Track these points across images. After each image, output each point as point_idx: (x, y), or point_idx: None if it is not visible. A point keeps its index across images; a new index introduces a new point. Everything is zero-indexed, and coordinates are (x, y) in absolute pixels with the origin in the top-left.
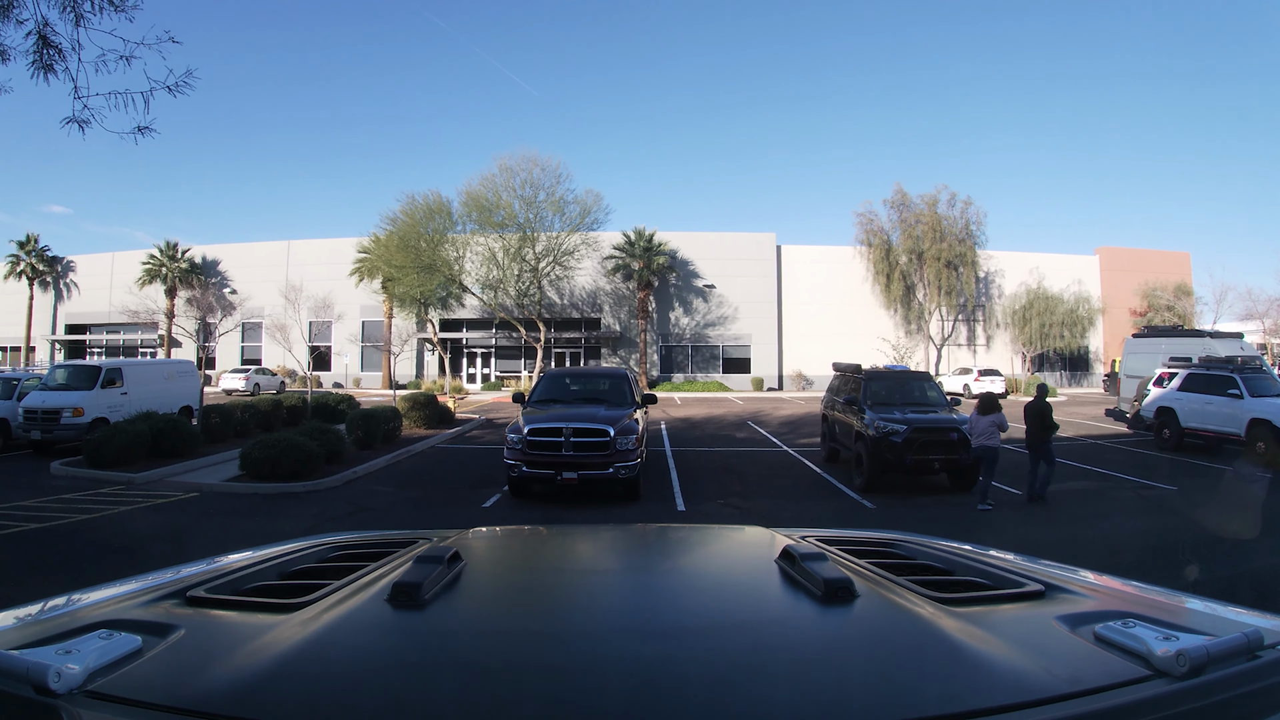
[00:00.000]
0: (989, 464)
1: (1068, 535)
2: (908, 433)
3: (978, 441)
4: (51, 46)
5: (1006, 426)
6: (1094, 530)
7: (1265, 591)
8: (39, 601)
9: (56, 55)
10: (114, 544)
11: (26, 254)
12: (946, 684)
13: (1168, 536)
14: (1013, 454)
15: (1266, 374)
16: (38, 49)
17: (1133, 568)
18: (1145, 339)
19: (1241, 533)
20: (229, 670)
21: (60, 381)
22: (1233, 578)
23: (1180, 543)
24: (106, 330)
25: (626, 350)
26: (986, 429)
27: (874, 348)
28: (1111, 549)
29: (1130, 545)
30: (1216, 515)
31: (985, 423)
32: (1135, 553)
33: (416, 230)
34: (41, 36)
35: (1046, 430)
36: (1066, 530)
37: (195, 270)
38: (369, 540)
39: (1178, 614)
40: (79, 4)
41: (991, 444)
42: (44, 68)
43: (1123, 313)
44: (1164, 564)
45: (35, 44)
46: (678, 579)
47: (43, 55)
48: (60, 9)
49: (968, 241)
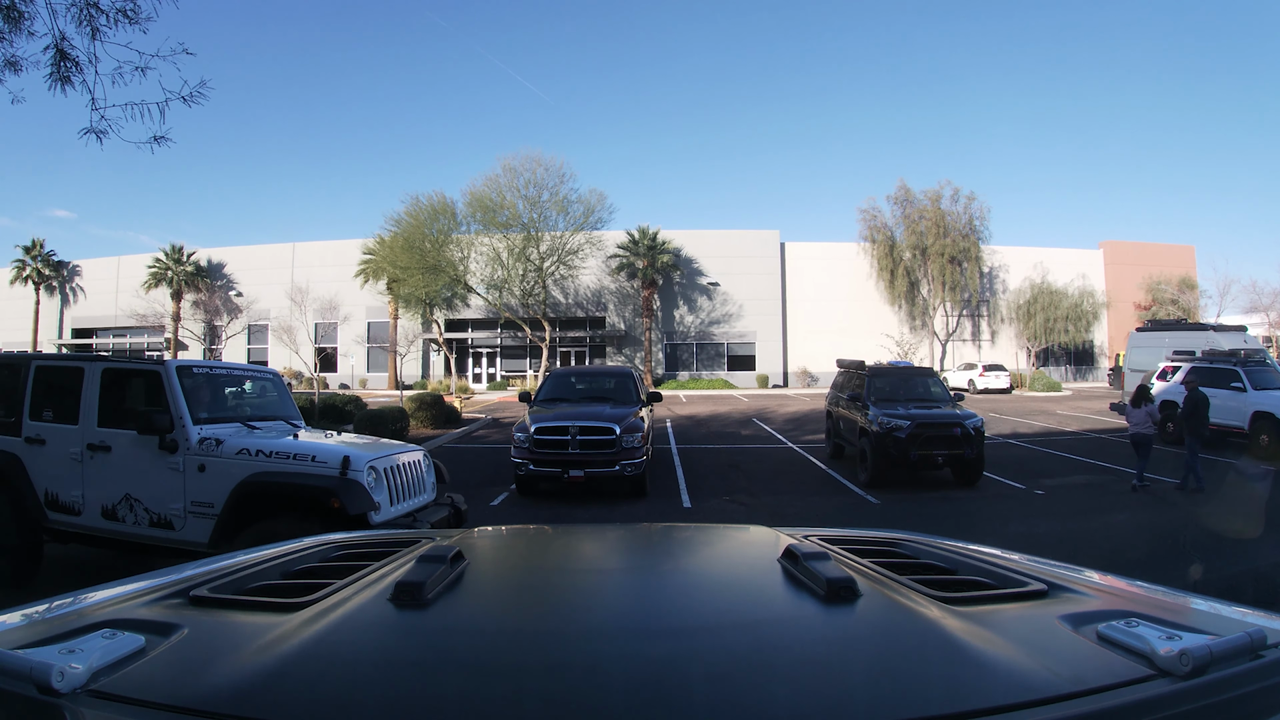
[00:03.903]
0: (1145, 449)
1: (1064, 529)
2: (911, 428)
3: (1133, 429)
4: (69, 60)
5: (1159, 416)
6: (1092, 524)
7: (1267, 587)
8: (42, 601)
9: (74, 68)
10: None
11: (32, 259)
12: (949, 683)
13: (1165, 531)
14: (1015, 448)
15: (1270, 367)
16: (55, 62)
17: (1129, 563)
18: (1149, 333)
19: (1242, 529)
20: (232, 669)
21: None
22: (1232, 574)
23: (1178, 536)
24: (113, 334)
25: (631, 349)
26: (1141, 418)
27: (878, 344)
28: (1108, 543)
29: (1127, 540)
30: (1217, 510)
31: (1140, 414)
32: (1132, 547)
33: (421, 231)
34: (59, 50)
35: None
36: (1063, 524)
37: (201, 273)
38: (372, 539)
39: (1181, 613)
40: (95, 18)
41: (1146, 431)
42: (62, 79)
43: (1127, 307)
44: (1160, 558)
45: (53, 57)
46: (681, 578)
47: (60, 68)
48: (77, 23)
49: (971, 237)
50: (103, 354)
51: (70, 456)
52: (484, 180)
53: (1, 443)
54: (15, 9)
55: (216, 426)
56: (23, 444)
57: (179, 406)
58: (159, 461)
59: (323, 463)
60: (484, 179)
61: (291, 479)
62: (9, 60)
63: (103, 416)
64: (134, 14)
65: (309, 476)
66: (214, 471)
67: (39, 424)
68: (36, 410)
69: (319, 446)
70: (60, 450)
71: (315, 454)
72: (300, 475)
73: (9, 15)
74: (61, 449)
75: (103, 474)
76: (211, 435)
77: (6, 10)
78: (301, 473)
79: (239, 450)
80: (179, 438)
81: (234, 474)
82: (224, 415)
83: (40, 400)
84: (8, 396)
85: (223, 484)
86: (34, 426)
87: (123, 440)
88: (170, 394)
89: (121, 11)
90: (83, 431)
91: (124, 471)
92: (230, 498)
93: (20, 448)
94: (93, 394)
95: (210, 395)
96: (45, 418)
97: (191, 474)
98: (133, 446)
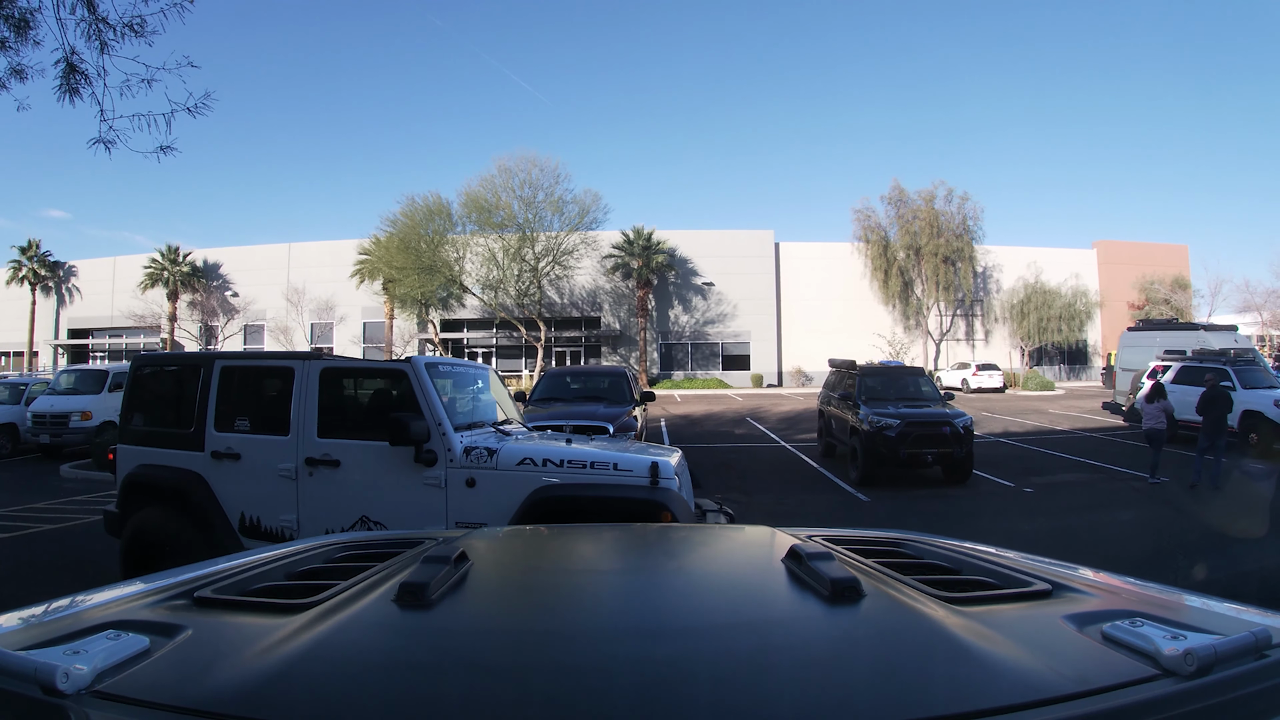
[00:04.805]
0: (1158, 444)
1: (1050, 526)
2: (901, 427)
3: (1147, 424)
4: (78, 73)
5: (1173, 410)
6: (1078, 522)
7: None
8: (46, 602)
9: (83, 80)
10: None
11: (28, 259)
12: (954, 683)
13: (1154, 528)
14: (1006, 446)
15: (1259, 366)
16: (64, 75)
17: (1111, 560)
18: (1141, 332)
19: (1233, 528)
20: (236, 670)
21: (68, 386)
22: (1218, 573)
23: (1165, 533)
24: (109, 334)
25: (626, 348)
26: (1155, 413)
27: (871, 344)
28: (1094, 540)
29: (1112, 537)
30: (1203, 507)
31: (1154, 409)
32: (1117, 544)
33: (417, 232)
34: (69, 64)
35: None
36: (1049, 522)
37: (197, 274)
38: (376, 540)
39: (1185, 613)
40: (103, 32)
41: (1159, 426)
42: (70, 91)
43: (1121, 306)
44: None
45: (62, 71)
46: (684, 579)
47: (69, 81)
48: (86, 38)
49: (965, 237)
50: (319, 350)
51: (279, 474)
52: (479, 181)
53: (178, 459)
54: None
55: (472, 433)
56: (207, 460)
57: (437, 411)
58: (409, 477)
59: (627, 471)
60: (479, 179)
61: (596, 491)
62: (14, 69)
63: (324, 426)
64: (140, 27)
65: (617, 488)
66: (489, 486)
67: (230, 435)
68: (225, 420)
69: (614, 454)
70: (263, 466)
71: (616, 462)
72: (606, 487)
73: (18, 25)
74: (265, 465)
75: (326, 494)
76: (480, 444)
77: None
78: (608, 484)
79: (521, 460)
80: (437, 448)
81: (517, 489)
82: (470, 420)
83: (230, 407)
84: (184, 404)
85: (503, 500)
86: (222, 439)
87: (355, 453)
88: (423, 396)
89: (128, 25)
90: (297, 444)
91: (358, 490)
92: (516, 516)
93: (204, 464)
94: (309, 398)
95: (451, 397)
96: (239, 428)
97: (457, 490)
98: (372, 460)
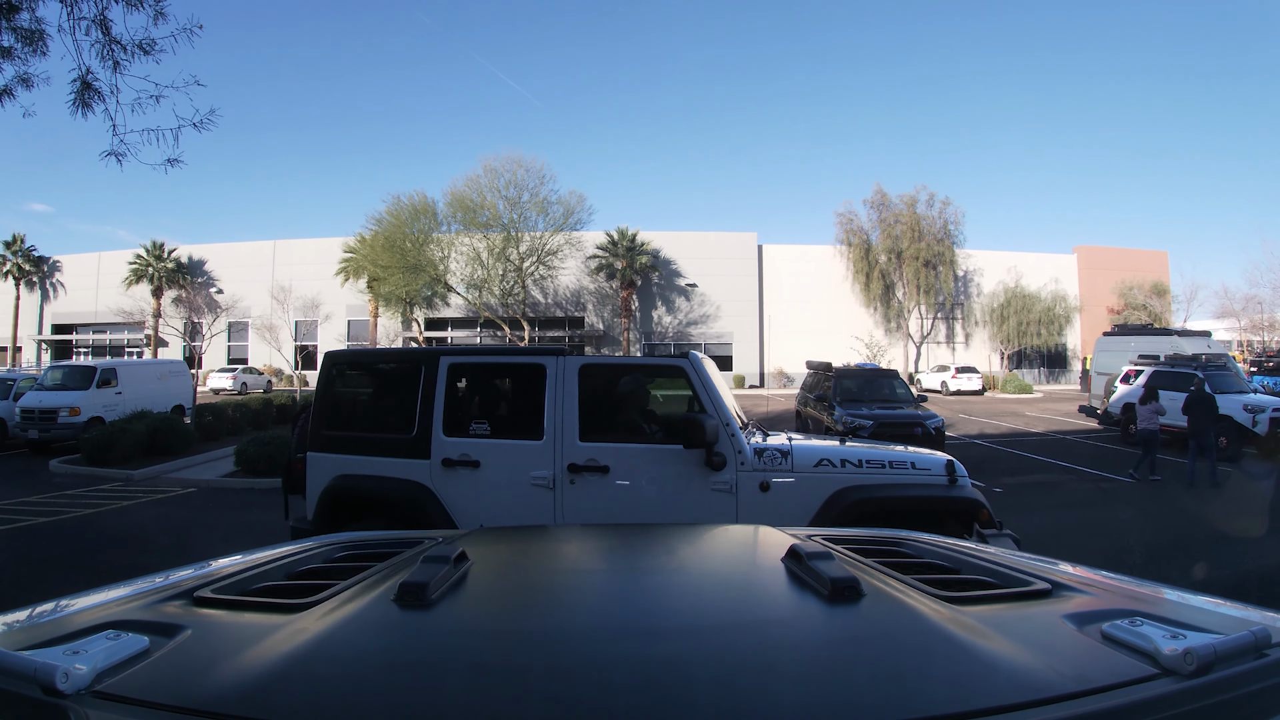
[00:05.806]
0: (1150, 444)
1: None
2: (874, 428)
3: (1141, 425)
4: (92, 90)
5: (1164, 412)
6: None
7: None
8: (46, 602)
9: (96, 96)
10: (122, 536)
11: (13, 254)
12: (954, 683)
13: (1112, 525)
14: (980, 448)
15: (1230, 371)
16: (79, 92)
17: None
18: (1115, 337)
19: (1228, 526)
20: (236, 670)
21: (56, 381)
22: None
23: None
24: (93, 330)
25: (610, 348)
26: (1148, 415)
27: (849, 346)
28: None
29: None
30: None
31: (1147, 411)
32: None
33: (402, 230)
34: (84, 82)
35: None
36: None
37: (182, 270)
38: (375, 540)
39: (1184, 612)
40: (115, 52)
41: (1151, 427)
42: (84, 105)
43: (1100, 311)
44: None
45: (77, 88)
46: (684, 578)
47: (83, 96)
48: (100, 57)
49: (946, 241)
50: (571, 346)
51: (532, 483)
52: (465, 180)
53: (395, 468)
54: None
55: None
56: (436, 468)
57: (723, 410)
58: (694, 482)
59: (925, 469)
60: (465, 179)
61: (897, 491)
62: (21, 77)
63: (586, 428)
64: (150, 47)
65: (917, 486)
66: (786, 491)
67: (464, 440)
68: (456, 423)
69: (909, 453)
70: (510, 475)
71: (914, 460)
72: (907, 486)
73: (26, 36)
74: (514, 473)
75: (595, 503)
76: (771, 445)
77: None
78: (908, 483)
79: (819, 461)
80: (725, 450)
81: (817, 490)
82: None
83: (462, 410)
84: (401, 406)
85: (800, 503)
86: (455, 444)
87: (627, 457)
88: (706, 394)
89: (139, 46)
90: (555, 448)
91: (631, 498)
92: (814, 519)
93: (431, 473)
94: (568, 398)
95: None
96: (476, 432)
97: (749, 494)
98: (645, 464)
